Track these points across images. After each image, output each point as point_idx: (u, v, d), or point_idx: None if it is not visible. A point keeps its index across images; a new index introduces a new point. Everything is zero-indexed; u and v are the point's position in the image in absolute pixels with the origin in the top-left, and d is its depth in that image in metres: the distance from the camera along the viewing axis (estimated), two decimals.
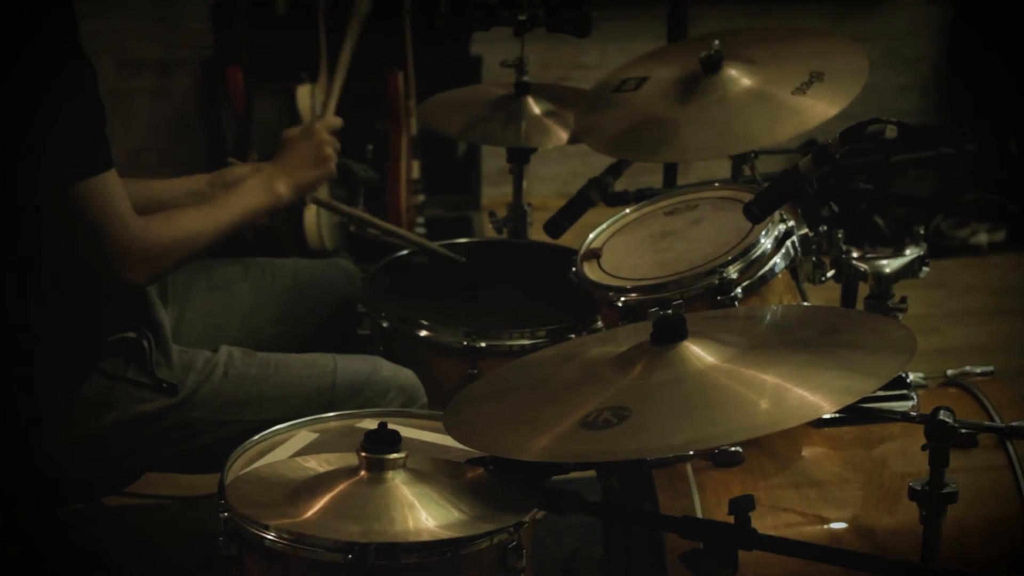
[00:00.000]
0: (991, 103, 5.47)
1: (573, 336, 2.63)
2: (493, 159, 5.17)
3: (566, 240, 3.00)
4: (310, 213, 4.47)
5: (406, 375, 2.55)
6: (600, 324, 2.59)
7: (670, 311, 2.01)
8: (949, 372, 2.48)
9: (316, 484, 1.97)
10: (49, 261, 2.31)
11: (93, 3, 4.61)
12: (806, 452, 2.30)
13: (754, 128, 2.67)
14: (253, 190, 2.65)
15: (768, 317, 2.25)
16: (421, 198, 4.81)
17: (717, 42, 2.73)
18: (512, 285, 2.96)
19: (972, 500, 2.17)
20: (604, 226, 2.64)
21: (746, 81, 2.71)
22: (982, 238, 5.33)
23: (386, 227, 3.02)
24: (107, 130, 2.29)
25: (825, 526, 2.23)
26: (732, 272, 2.35)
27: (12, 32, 2.20)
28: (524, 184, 3.17)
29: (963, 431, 2.11)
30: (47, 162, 2.22)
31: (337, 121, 2.86)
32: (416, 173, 4.78)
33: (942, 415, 1.99)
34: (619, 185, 3.03)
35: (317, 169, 2.74)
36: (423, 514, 1.91)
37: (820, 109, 2.61)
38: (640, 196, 2.89)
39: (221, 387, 2.45)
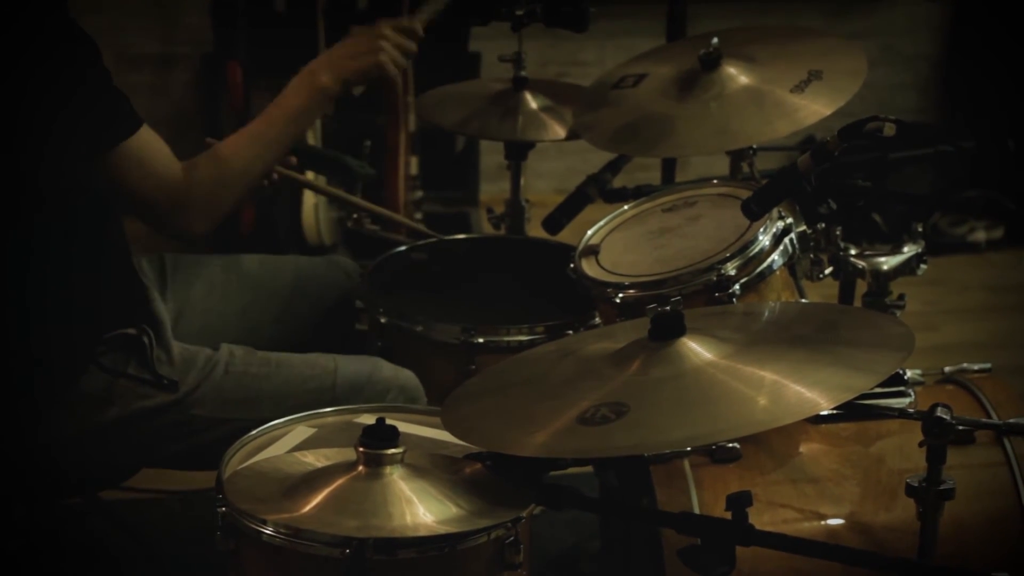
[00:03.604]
0: (989, 101, 5.47)
1: (571, 332, 2.63)
2: (491, 155, 5.17)
3: (564, 236, 3.00)
4: (308, 209, 4.47)
5: (406, 376, 2.55)
6: (598, 320, 2.59)
7: (668, 307, 2.01)
8: (947, 369, 2.48)
9: (314, 479, 1.97)
10: (46, 253, 2.31)
11: None
12: (803, 448, 2.30)
13: (752, 124, 2.67)
14: (293, 91, 2.58)
15: (766, 314, 2.25)
16: (419, 194, 4.82)
17: (716, 39, 2.73)
18: (510, 281, 2.97)
19: (969, 497, 2.17)
20: (602, 223, 2.64)
21: (744, 78, 2.72)
22: (980, 235, 5.34)
23: (383, 214, 3.02)
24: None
25: (822, 522, 2.23)
26: (730, 269, 2.35)
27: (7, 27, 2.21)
28: (522, 180, 3.17)
29: (960, 428, 2.11)
30: (72, 141, 2.24)
31: (416, 25, 2.70)
32: (414, 169, 4.79)
33: (939, 412, 1.99)
34: (617, 182, 3.04)
35: (363, 59, 2.61)
36: (421, 509, 1.91)
37: (818, 107, 2.61)
38: (638, 193, 2.89)
39: (222, 385, 2.45)
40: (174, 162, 2.38)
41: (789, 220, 2.42)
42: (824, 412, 2.19)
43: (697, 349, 1.97)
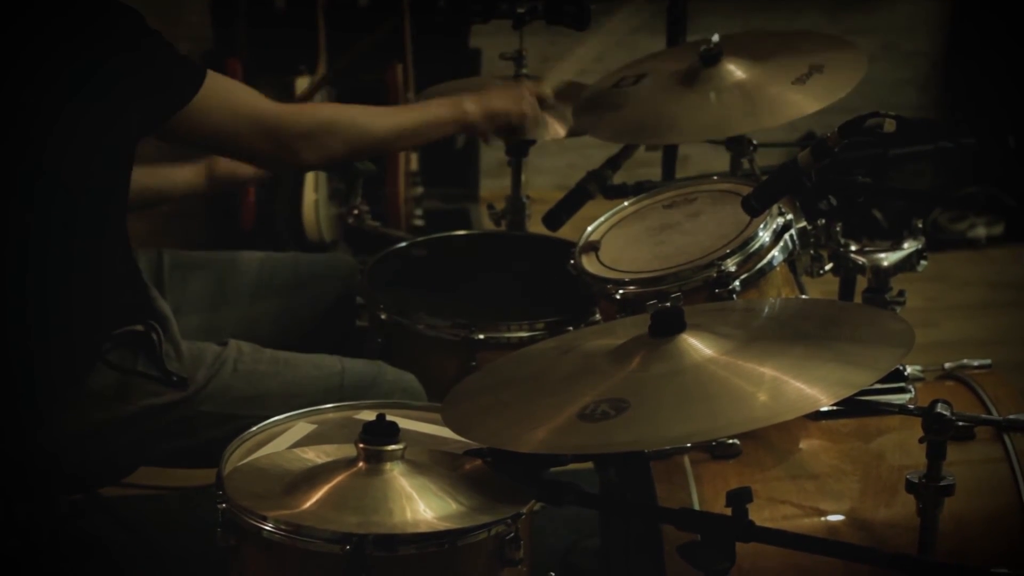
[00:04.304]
0: (990, 97, 5.47)
1: (571, 328, 2.63)
2: (491, 151, 5.16)
3: (564, 233, 2.99)
4: (308, 205, 4.47)
5: (408, 379, 2.55)
6: (598, 317, 2.59)
7: (668, 304, 2.01)
8: (947, 365, 2.48)
9: (314, 475, 1.97)
10: (49, 249, 2.31)
11: None
12: (803, 445, 2.30)
13: (754, 112, 2.67)
14: (438, 103, 2.70)
15: (766, 310, 2.25)
16: (419, 190, 4.81)
17: (717, 36, 2.73)
18: (510, 277, 2.96)
19: (969, 493, 2.17)
20: (602, 219, 2.64)
21: (745, 72, 2.71)
22: (980, 232, 5.33)
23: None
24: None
25: (822, 518, 2.23)
26: (730, 265, 2.35)
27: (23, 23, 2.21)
28: (523, 177, 3.17)
29: (960, 424, 2.11)
30: (141, 113, 2.27)
31: (548, 90, 2.86)
32: (414, 165, 4.78)
33: (939, 408, 1.99)
34: (618, 178, 3.03)
35: (510, 104, 2.74)
36: (421, 505, 1.91)
37: (821, 97, 2.61)
38: (639, 189, 2.89)
39: (231, 382, 2.44)
40: (256, 95, 2.46)
41: (789, 216, 2.42)
42: (824, 408, 2.20)
43: (697, 345, 1.97)
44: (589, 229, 2.62)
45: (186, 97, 2.32)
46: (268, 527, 1.89)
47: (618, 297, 2.40)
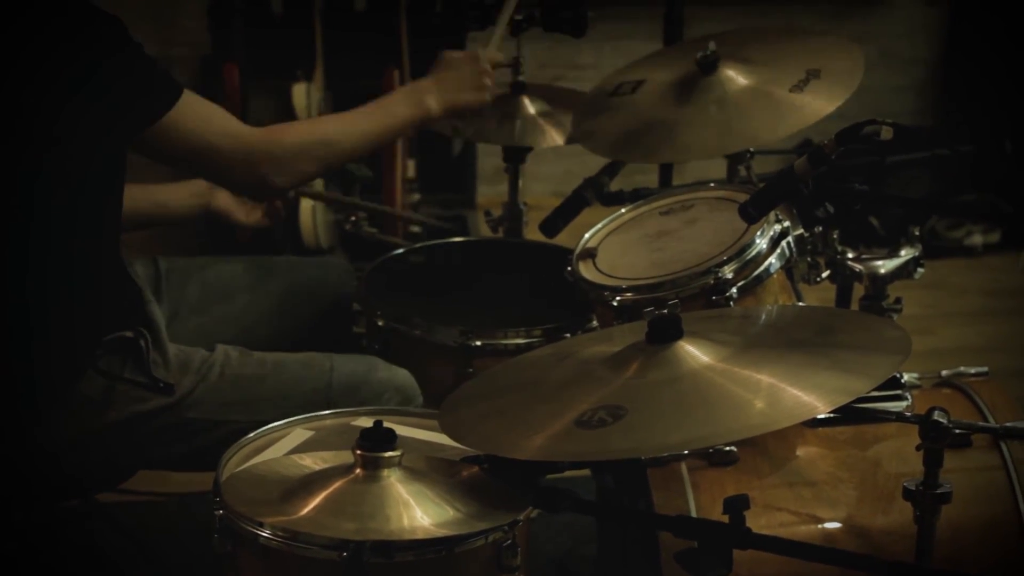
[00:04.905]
0: (987, 104, 5.47)
1: (568, 335, 2.63)
2: (489, 158, 5.17)
3: (562, 239, 3.00)
4: (306, 212, 4.47)
5: (403, 375, 2.55)
6: (595, 323, 2.59)
7: (665, 311, 2.01)
8: (943, 373, 2.48)
9: (311, 482, 1.97)
10: (46, 255, 2.31)
11: None
12: (800, 452, 2.30)
13: (754, 126, 2.67)
14: (399, 101, 2.67)
15: (763, 317, 2.25)
16: (416, 197, 4.81)
17: (713, 43, 2.73)
18: (507, 284, 2.96)
19: (966, 500, 2.18)
20: (600, 226, 2.64)
21: (743, 80, 2.72)
22: (977, 239, 5.34)
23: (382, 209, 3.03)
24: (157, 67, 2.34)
25: (819, 526, 2.23)
26: (727, 272, 2.35)
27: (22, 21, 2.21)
28: (520, 183, 3.17)
29: (957, 431, 2.11)
30: (111, 123, 2.26)
31: (500, 56, 2.86)
32: (411, 172, 4.79)
33: (936, 415, 1.99)
34: (615, 185, 3.03)
35: (473, 94, 2.73)
36: (418, 512, 1.91)
37: (818, 106, 2.61)
38: (636, 196, 2.89)
39: (218, 387, 2.44)
40: (232, 118, 2.45)
41: (786, 223, 2.42)
42: (821, 415, 2.20)
43: (694, 352, 1.97)
44: (586, 236, 2.61)
45: (160, 110, 2.32)
46: (265, 533, 1.89)
47: (615, 304, 2.40)
